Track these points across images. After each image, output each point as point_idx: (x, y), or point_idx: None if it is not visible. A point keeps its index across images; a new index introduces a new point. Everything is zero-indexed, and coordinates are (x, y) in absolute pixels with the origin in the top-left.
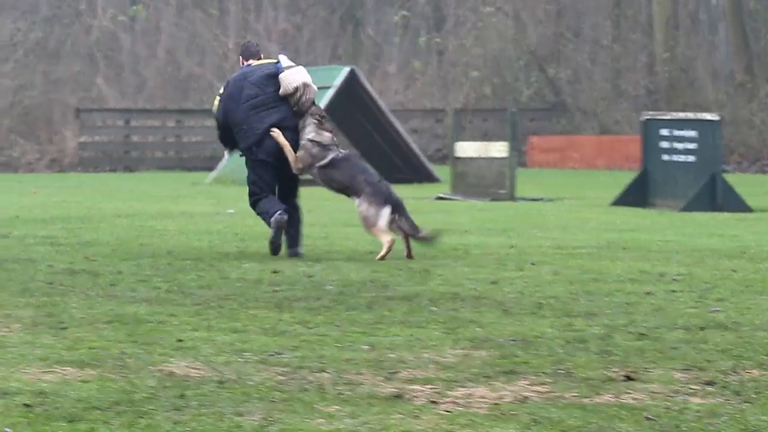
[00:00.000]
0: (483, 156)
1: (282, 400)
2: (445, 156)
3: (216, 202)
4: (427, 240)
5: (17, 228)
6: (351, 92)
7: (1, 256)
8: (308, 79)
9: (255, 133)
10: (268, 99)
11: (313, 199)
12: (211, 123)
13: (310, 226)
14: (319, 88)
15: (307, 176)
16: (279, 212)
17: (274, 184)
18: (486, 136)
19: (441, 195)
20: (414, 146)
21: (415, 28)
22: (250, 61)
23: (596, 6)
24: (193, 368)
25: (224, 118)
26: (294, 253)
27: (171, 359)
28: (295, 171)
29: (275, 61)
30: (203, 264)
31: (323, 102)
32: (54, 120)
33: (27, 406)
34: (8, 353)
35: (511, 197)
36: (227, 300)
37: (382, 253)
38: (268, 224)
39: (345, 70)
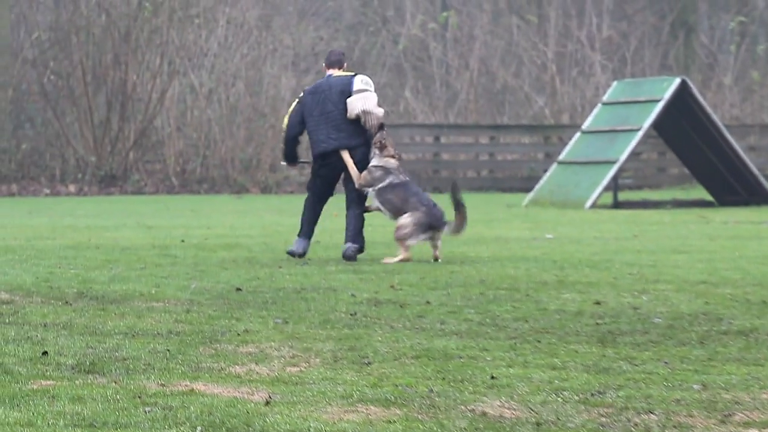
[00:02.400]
0: None
1: None
2: None
3: (533, 225)
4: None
5: (317, 254)
6: (682, 105)
7: (300, 285)
8: (370, 105)
9: (321, 146)
10: (339, 115)
11: (636, 224)
12: (529, 139)
13: (635, 252)
14: (647, 101)
15: None
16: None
17: (328, 195)
18: None
19: None
20: (751, 165)
21: (753, 36)
22: (331, 71)
23: None
24: (508, 408)
25: (293, 130)
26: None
27: (483, 398)
28: (357, 187)
29: (352, 74)
30: (519, 294)
31: (651, 116)
32: None
33: None
34: (308, 390)
35: None
36: (545, 333)
37: (396, 259)
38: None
39: (675, 82)
